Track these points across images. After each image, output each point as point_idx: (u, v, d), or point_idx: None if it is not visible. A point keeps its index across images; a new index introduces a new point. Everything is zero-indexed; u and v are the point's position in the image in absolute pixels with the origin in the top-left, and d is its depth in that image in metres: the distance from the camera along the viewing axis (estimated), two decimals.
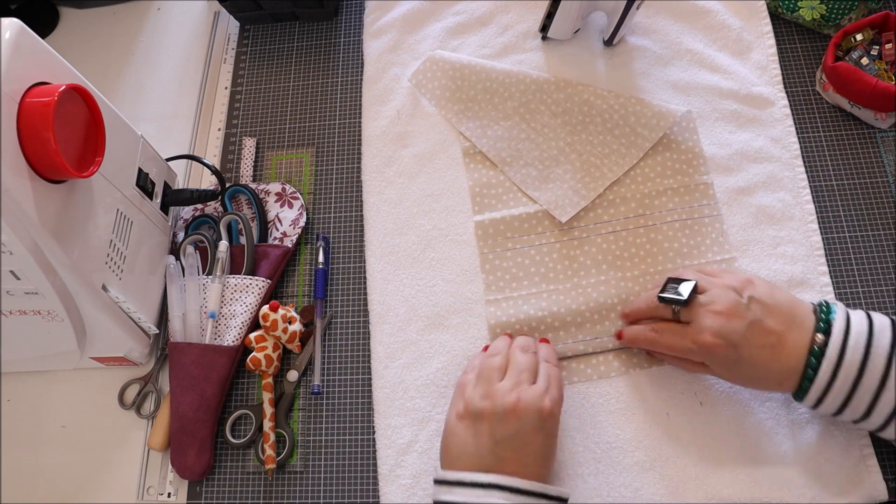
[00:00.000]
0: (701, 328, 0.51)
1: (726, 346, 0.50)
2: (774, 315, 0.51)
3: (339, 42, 0.79)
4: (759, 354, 0.50)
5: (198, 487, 0.62)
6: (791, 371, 0.50)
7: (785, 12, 0.72)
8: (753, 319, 0.50)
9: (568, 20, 0.68)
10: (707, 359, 0.53)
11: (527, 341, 0.57)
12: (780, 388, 0.52)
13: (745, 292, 0.52)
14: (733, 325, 0.50)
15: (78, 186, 0.54)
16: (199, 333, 0.63)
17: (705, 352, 0.52)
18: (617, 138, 0.67)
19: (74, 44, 0.84)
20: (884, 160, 0.66)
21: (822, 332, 0.49)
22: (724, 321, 0.50)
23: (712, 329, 0.51)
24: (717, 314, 0.51)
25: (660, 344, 0.55)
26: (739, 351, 0.50)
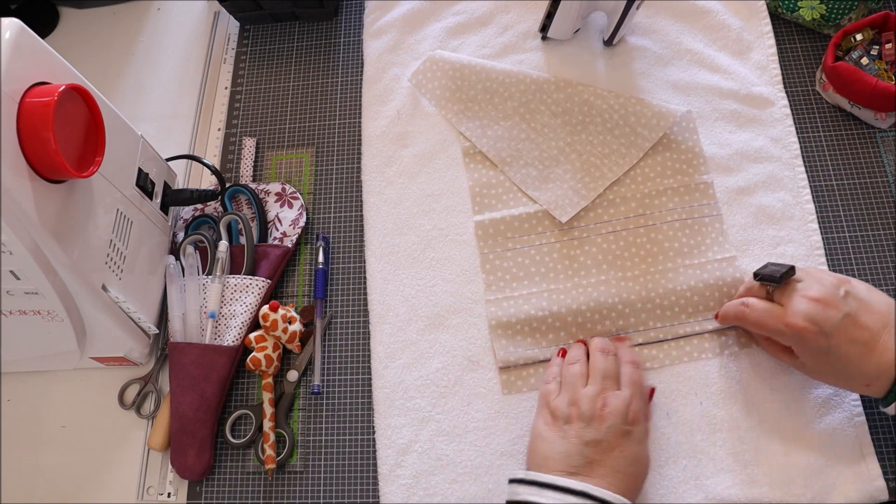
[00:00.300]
0: (794, 311, 0.51)
1: (818, 334, 0.49)
2: (871, 313, 0.50)
3: (339, 42, 0.79)
4: (850, 349, 0.49)
5: (198, 487, 0.62)
6: (881, 373, 0.49)
7: (785, 12, 0.72)
8: (849, 312, 0.49)
9: (568, 20, 0.68)
10: (796, 344, 0.52)
11: (605, 343, 0.57)
12: (865, 390, 0.51)
13: (843, 287, 0.51)
14: (828, 312, 0.49)
15: (78, 186, 0.54)
16: (199, 333, 0.63)
17: (795, 335, 0.51)
18: (617, 138, 0.67)
19: (74, 44, 0.84)
20: (884, 160, 0.66)
21: None
22: (819, 308, 0.50)
23: (805, 313, 0.50)
24: (811, 300, 0.50)
25: (749, 320, 0.55)
26: (830, 341, 0.49)
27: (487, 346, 0.62)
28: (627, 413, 0.51)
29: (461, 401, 0.60)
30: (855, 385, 0.51)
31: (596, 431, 0.50)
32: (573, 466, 0.49)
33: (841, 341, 0.49)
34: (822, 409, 0.57)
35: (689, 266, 0.62)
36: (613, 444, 0.50)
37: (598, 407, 0.52)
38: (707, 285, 0.61)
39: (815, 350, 0.51)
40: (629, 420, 0.51)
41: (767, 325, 0.53)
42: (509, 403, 0.60)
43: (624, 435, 0.50)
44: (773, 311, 0.53)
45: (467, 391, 0.60)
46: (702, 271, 0.62)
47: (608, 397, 0.52)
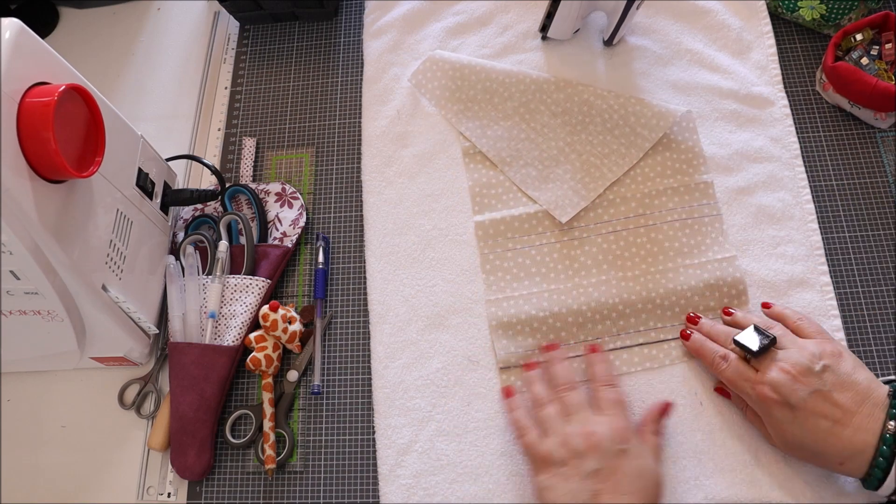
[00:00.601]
0: (763, 379, 0.50)
1: (781, 405, 0.49)
2: (846, 390, 0.48)
3: (339, 42, 0.79)
4: (816, 424, 0.48)
5: (198, 487, 0.62)
6: (854, 452, 0.47)
7: (785, 12, 0.72)
8: (820, 388, 0.48)
9: (568, 20, 0.68)
10: (761, 411, 0.52)
11: (565, 377, 0.56)
12: (840, 469, 0.49)
13: (823, 361, 0.50)
14: (795, 385, 0.49)
15: (78, 186, 0.54)
16: (199, 333, 0.63)
17: (760, 403, 0.51)
18: (617, 138, 0.67)
19: (74, 44, 0.84)
20: (883, 160, 0.66)
21: (894, 419, 0.47)
22: (789, 379, 0.49)
23: (773, 383, 0.50)
24: (783, 371, 0.50)
25: (723, 375, 0.54)
26: (795, 413, 0.49)
27: (488, 347, 0.62)
28: (614, 434, 0.51)
29: (461, 401, 0.60)
30: (828, 462, 0.50)
31: (593, 461, 0.50)
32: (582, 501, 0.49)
33: (807, 415, 0.48)
34: None
35: (690, 266, 0.62)
36: (614, 468, 0.49)
37: (586, 439, 0.51)
38: (707, 285, 0.61)
39: (778, 421, 0.50)
40: (618, 439, 0.50)
41: (737, 385, 0.53)
42: None
43: (619, 455, 0.50)
44: (746, 374, 0.52)
45: (467, 391, 0.60)
46: (702, 271, 0.62)
47: (592, 426, 0.52)
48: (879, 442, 0.47)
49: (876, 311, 0.60)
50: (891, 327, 0.60)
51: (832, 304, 0.60)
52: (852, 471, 0.49)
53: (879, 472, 0.47)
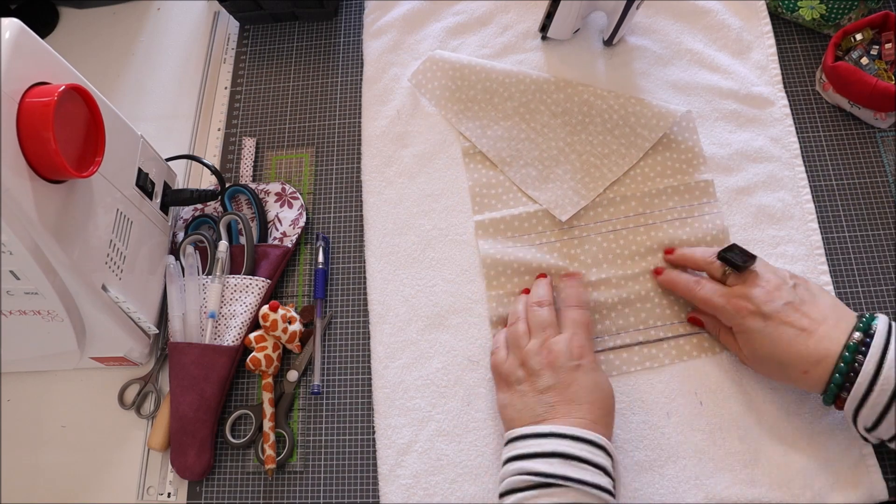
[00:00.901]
0: (740, 292, 0.53)
1: (754, 313, 0.52)
2: (816, 305, 0.51)
3: (339, 42, 0.79)
4: (784, 332, 0.50)
5: (198, 487, 0.62)
6: (818, 359, 0.49)
7: (785, 12, 0.72)
8: (791, 300, 0.51)
9: (568, 20, 0.68)
10: (734, 322, 0.54)
11: (541, 294, 0.59)
12: (804, 378, 0.50)
13: (795, 280, 0.53)
14: (770, 296, 0.52)
15: (78, 186, 0.54)
16: (199, 333, 0.63)
17: (735, 312, 0.53)
18: (617, 138, 0.67)
19: (74, 44, 0.84)
20: (883, 160, 0.66)
21: (862, 331, 0.49)
22: (763, 292, 0.52)
23: (748, 294, 0.52)
24: (759, 286, 0.53)
25: (696, 296, 0.56)
26: (766, 322, 0.51)
27: (487, 346, 0.62)
28: (572, 350, 0.53)
29: (461, 401, 0.60)
30: (792, 372, 0.51)
31: (548, 378, 0.52)
32: (538, 416, 0.51)
33: (777, 324, 0.51)
34: (821, 408, 0.56)
35: None
36: (568, 382, 0.52)
37: (543, 357, 0.53)
38: None
39: (750, 330, 0.52)
40: (575, 356, 0.53)
41: (712, 302, 0.55)
42: None
43: (574, 370, 0.52)
44: (722, 290, 0.55)
45: (467, 391, 0.60)
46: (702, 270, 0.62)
47: (550, 344, 0.54)
48: (843, 349, 0.48)
49: (876, 311, 0.60)
50: None
51: None
52: (815, 381, 0.50)
53: (839, 379, 0.48)
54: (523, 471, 0.48)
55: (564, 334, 0.55)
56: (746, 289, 0.53)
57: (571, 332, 0.55)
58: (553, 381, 0.52)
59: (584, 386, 0.52)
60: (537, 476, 0.47)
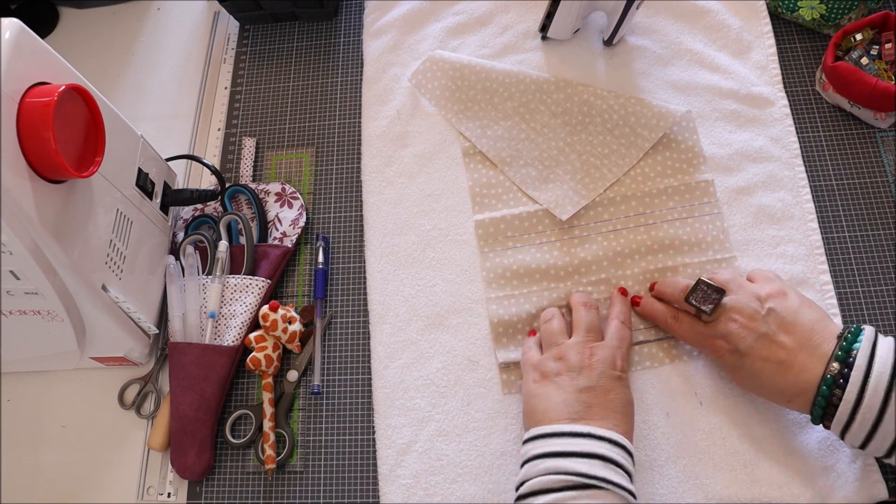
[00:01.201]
0: (713, 331, 0.53)
1: (731, 351, 0.52)
2: (790, 332, 0.50)
3: (339, 42, 0.79)
4: (762, 367, 0.51)
5: (198, 487, 0.62)
6: (800, 391, 0.49)
7: (785, 12, 0.72)
8: (766, 332, 0.51)
9: (568, 20, 0.68)
10: (715, 360, 0.55)
11: (586, 297, 0.59)
12: (789, 406, 0.51)
13: (768, 303, 0.52)
14: (743, 333, 0.52)
15: (78, 186, 0.54)
16: (199, 333, 0.63)
17: (711, 352, 0.55)
18: (617, 138, 0.67)
19: (74, 44, 0.84)
20: (883, 160, 0.66)
21: (839, 361, 0.48)
22: (737, 328, 0.52)
23: (723, 332, 0.53)
24: (732, 320, 0.52)
25: (674, 331, 0.57)
26: (743, 359, 0.52)
27: (487, 346, 0.62)
28: (616, 361, 0.53)
29: (461, 401, 0.60)
30: (777, 401, 0.52)
31: (588, 379, 0.51)
32: (574, 413, 0.50)
33: (754, 359, 0.51)
34: None
35: (690, 265, 0.62)
36: (608, 389, 0.51)
37: (585, 356, 0.53)
38: None
39: (731, 366, 0.53)
40: (618, 368, 0.53)
41: (689, 341, 0.57)
42: (509, 403, 0.60)
43: (616, 380, 0.52)
44: (698, 327, 0.55)
45: (467, 391, 0.60)
46: (701, 271, 0.62)
47: (594, 347, 0.53)
48: (820, 383, 0.48)
49: (876, 311, 0.60)
50: (891, 327, 0.60)
51: (832, 304, 0.60)
52: (798, 407, 0.51)
53: (819, 411, 0.49)
54: (560, 470, 0.47)
55: (611, 342, 0.54)
56: (720, 326, 0.53)
57: (617, 345, 0.54)
58: (593, 383, 0.51)
59: (622, 398, 0.51)
60: (577, 476, 0.46)
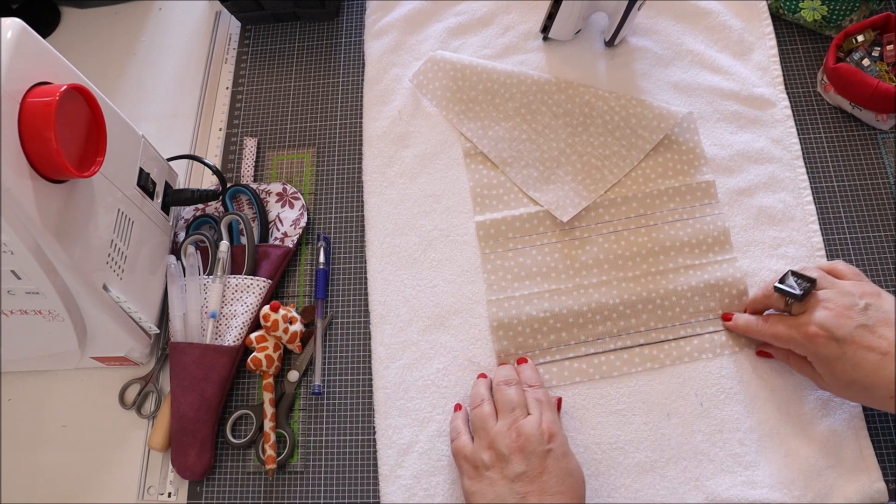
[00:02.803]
0: (809, 320, 0.51)
1: (828, 339, 0.50)
2: (891, 325, 0.49)
3: (341, 42, 0.79)
4: (864, 356, 0.48)
5: (198, 487, 0.62)
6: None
7: (786, 13, 0.72)
8: (865, 322, 0.49)
9: (569, 21, 0.68)
10: (809, 352, 0.52)
11: (507, 374, 0.56)
12: (891, 403, 0.49)
13: (865, 299, 0.51)
14: (841, 321, 0.50)
15: (79, 186, 0.54)
16: (200, 333, 0.63)
17: (808, 342, 0.51)
18: (618, 140, 0.67)
19: (76, 43, 0.84)
20: (885, 161, 0.66)
21: None
22: (833, 316, 0.50)
23: (818, 320, 0.50)
24: (826, 309, 0.51)
25: (766, 332, 0.55)
26: (843, 347, 0.49)
27: (488, 348, 0.62)
28: (543, 432, 0.51)
29: (462, 401, 0.60)
30: (878, 396, 0.49)
31: (518, 464, 0.49)
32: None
33: (855, 348, 0.49)
34: (822, 410, 0.57)
35: (690, 266, 0.62)
36: (539, 471, 0.49)
37: (512, 440, 0.50)
38: (708, 286, 0.61)
39: (828, 357, 0.50)
40: (546, 438, 0.50)
41: (782, 336, 0.53)
42: None
43: (545, 455, 0.49)
44: (789, 321, 0.53)
45: (468, 392, 0.60)
46: (703, 272, 0.62)
47: (519, 427, 0.51)
48: None
49: None
50: None
51: None
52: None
53: None
54: None
55: (534, 415, 0.52)
56: (814, 315, 0.51)
57: (540, 412, 0.52)
58: (524, 468, 0.49)
59: (556, 474, 0.49)
60: None
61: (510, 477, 0.49)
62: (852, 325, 0.49)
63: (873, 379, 0.48)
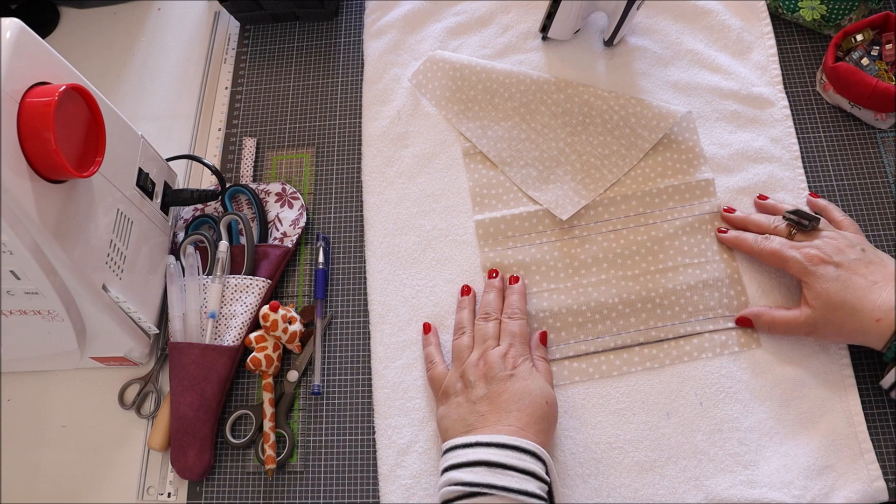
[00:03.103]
0: (811, 244, 0.55)
1: (826, 262, 0.54)
2: (885, 267, 0.53)
3: (340, 42, 0.79)
4: (857, 281, 0.52)
5: (198, 487, 0.62)
6: (889, 309, 0.50)
7: (785, 13, 0.72)
8: (861, 258, 0.53)
9: (568, 20, 0.68)
10: (804, 271, 0.54)
11: (488, 306, 0.59)
12: (874, 328, 0.51)
13: (862, 245, 0.55)
14: (841, 251, 0.54)
15: (78, 186, 0.54)
16: (200, 333, 0.63)
17: (806, 261, 0.54)
18: (617, 139, 0.67)
19: (75, 44, 0.84)
20: (884, 160, 0.66)
21: None
22: (833, 246, 0.54)
23: (821, 246, 0.55)
24: (829, 241, 0.55)
25: (766, 250, 0.57)
26: (840, 270, 0.53)
27: None
28: (506, 360, 0.54)
29: None
30: (864, 319, 0.51)
31: (481, 388, 0.54)
32: (468, 425, 0.52)
33: (850, 273, 0.53)
34: (821, 409, 0.57)
35: (690, 265, 0.62)
36: (499, 391, 0.53)
37: (480, 368, 0.55)
38: (706, 285, 0.61)
39: (822, 277, 0.53)
40: (509, 365, 0.54)
41: (781, 254, 0.56)
42: None
43: (506, 379, 0.53)
44: (791, 242, 0.56)
45: None
46: (701, 271, 0.62)
47: (486, 356, 0.55)
48: None
49: None
50: None
51: None
52: (884, 331, 0.51)
53: None
54: (452, 481, 0.49)
55: (501, 346, 0.56)
56: (817, 242, 0.55)
57: (508, 343, 0.56)
58: (485, 392, 0.53)
59: (513, 394, 0.52)
60: (464, 486, 0.48)
61: (473, 399, 0.53)
62: (850, 256, 0.54)
63: (862, 302, 0.52)
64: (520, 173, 0.67)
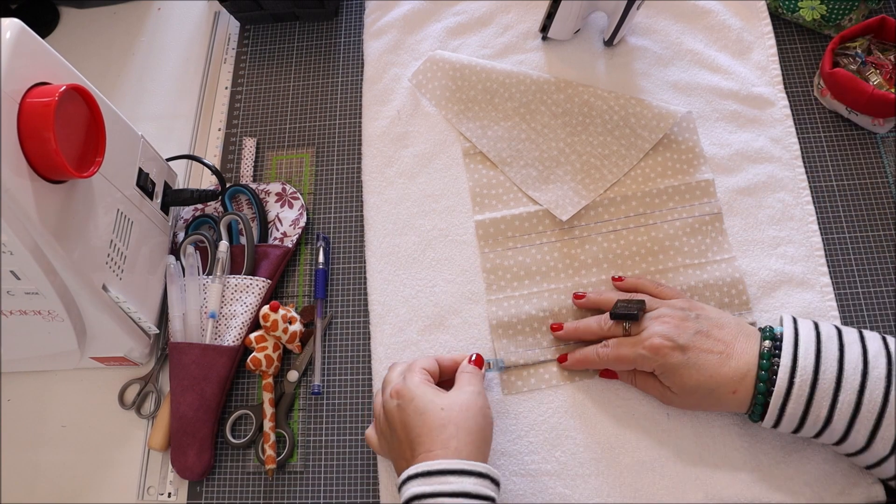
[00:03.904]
0: (650, 334, 0.53)
1: (673, 348, 0.52)
2: (722, 328, 0.53)
3: (340, 42, 0.79)
4: (706, 359, 0.52)
5: (198, 487, 0.62)
6: (741, 376, 0.51)
7: (785, 12, 0.72)
8: (701, 329, 0.53)
9: (568, 20, 0.68)
10: (655, 364, 0.53)
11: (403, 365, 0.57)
12: (733, 399, 0.51)
13: (694, 311, 0.54)
14: (681, 329, 0.53)
15: (78, 186, 0.54)
16: (200, 333, 0.63)
17: (654, 354, 0.53)
18: (617, 139, 0.67)
19: (75, 44, 0.84)
20: (884, 161, 0.66)
21: (769, 339, 0.51)
22: (672, 327, 0.53)
23: (660, 332, 0.53)
24: (665, 322, 0.54)
25: (611, 357, 0.56)
26: (687, 353, 0.52)
27: (488, 347, 0.62)
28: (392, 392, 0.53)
29: None
30: (722, 395, 0.52)
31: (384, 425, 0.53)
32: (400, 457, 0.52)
33: (697, 352, 0.52)
34: None
35: (689, 266, 0.62)
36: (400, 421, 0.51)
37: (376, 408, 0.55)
38: (706, 285, 0.61)
39: (675, 366, 0.52)
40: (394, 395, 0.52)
41: (627, 356, 0.54)
42: (509, 403, 0.60)
43: (398, 410, 0.52)
44: (632, 341, 0.55)
45: None
46: (701, 271, 0.62)
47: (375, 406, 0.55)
48: (759, 359, 0.51)
49: (876, 312, 0.61)
50: (891, 328, 0.60)
51: (832, 305, 0.60)
52: (743, 398, 0.51)
53: (763, 387, 0.50)
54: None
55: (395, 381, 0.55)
56: (654, 329, 0.53)
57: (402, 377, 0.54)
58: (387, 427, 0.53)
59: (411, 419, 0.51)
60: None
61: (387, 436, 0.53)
62: (691, 331, 0.53)
63: (716, 380, 0.51)
64: (520, 173, 0.67)
